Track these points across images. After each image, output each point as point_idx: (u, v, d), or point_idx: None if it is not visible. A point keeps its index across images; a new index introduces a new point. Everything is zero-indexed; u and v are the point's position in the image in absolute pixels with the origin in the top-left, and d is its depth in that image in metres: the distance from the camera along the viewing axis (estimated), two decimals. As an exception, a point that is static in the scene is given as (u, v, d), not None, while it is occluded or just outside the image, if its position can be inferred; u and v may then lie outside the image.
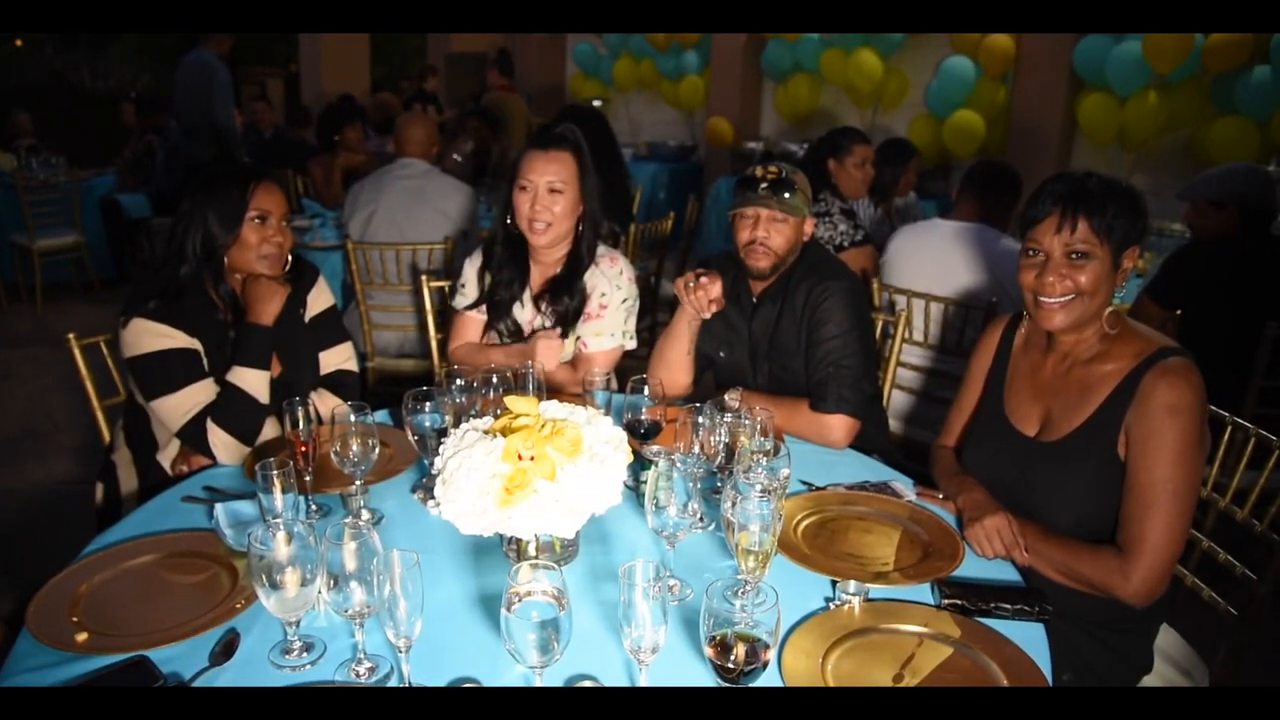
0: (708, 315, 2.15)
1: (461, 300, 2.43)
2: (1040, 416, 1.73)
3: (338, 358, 2.22)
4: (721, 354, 2.30)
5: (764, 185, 2.10)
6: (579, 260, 2.32)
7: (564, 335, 2.33)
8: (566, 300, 2.31)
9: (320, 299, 2.21)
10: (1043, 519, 1.64)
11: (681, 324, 2.21)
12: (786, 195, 2.08)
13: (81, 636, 1.28)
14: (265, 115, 7.53)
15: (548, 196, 2.21)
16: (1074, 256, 1.59)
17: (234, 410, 1.91)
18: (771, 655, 1.12)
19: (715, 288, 2.10)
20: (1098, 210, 1.57)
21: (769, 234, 2.11)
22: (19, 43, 14.03)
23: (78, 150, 7.33)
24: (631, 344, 2.38)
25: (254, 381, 1.94)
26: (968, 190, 3.16)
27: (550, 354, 2.26)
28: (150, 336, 1.91)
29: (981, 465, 1.79)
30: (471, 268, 2.43)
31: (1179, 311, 3.06)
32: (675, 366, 2.23)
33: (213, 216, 1.95)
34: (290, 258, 2.10)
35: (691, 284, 2.13)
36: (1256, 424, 1.80)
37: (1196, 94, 5.47)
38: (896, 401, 3.02)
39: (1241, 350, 2.75)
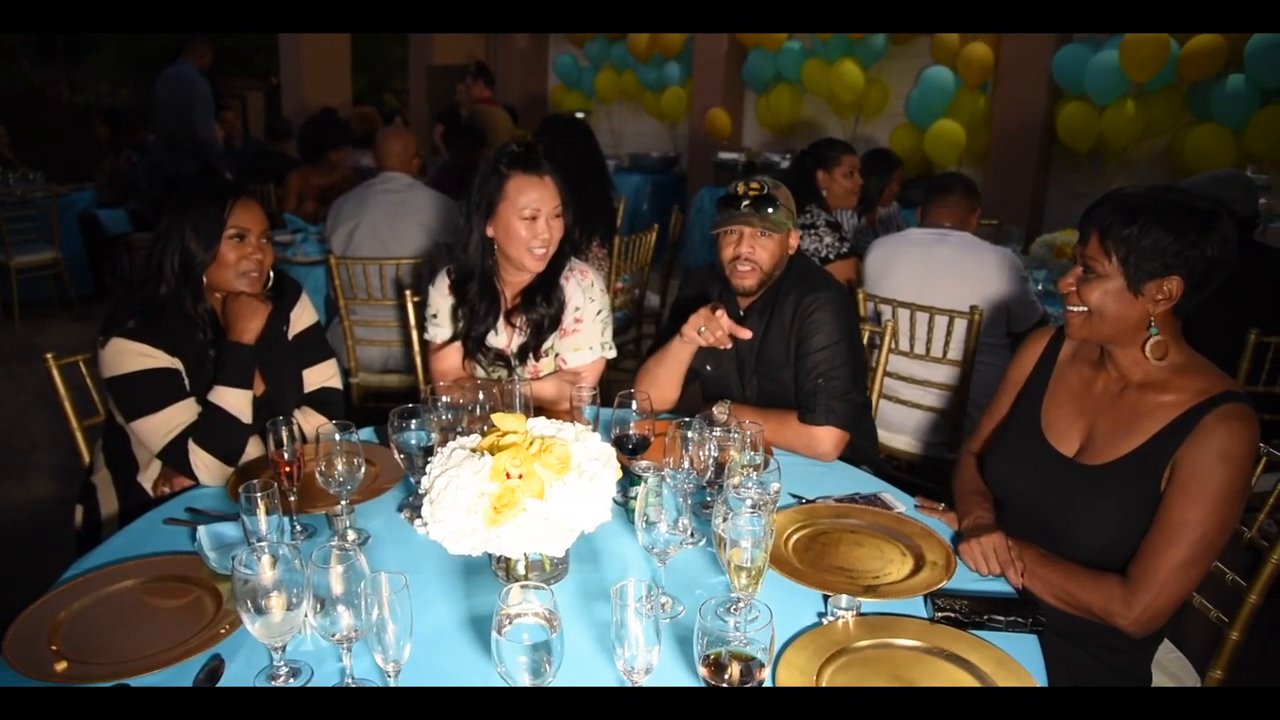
0: (729, 345, 2.10)
1: (435, 331, 2.36)
2: (1081, 436, 1.65)
3: (322, 375, 2.20)
4: (708, 367, 2.29)
5: (746, 202, 2.08)
6: (558, 265, 2.27)
7: (539, 349, 2.30)
8: (543, 307, 2.26)
9: (304, 316, 2.19)
10: (1070, 541, 1.59)
11: (684, 351, 2.17)
12: (769, 211, 2.07)
13: (60, 666, 1.25)
14: (234, 126, 7.43)
15: (556, 222, 2.18)
16: (1086, 271, 1.55)
17: (216, 431, 1.88)
18: (766, 674, 1.11)
19: (726, 318, 2.05)
20: (1111, 226, 1.49)
21: (753, 250, 2.09)
22: (-5, 57, 13.88)
23: (56, 165, 7.26)
24: (611, 354, 2.36)
25: (236, 401, 1.91)
26: (935, 198, 3.20)
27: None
28: (130, 356, 1.88)
29: (1008, 477, 1.74)
30: (441, 298, 2.34)
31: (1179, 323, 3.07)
32: (665, 385, 2.21)
33: (190, 234, 1.93)
34: (272, 274, 2.07)
35: (704, 328, 2.06)
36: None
37: (1173, 102, 5.55)
38: (882, 411, 3.02)
39: (1225, 355, 2.76)
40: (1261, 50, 5.03)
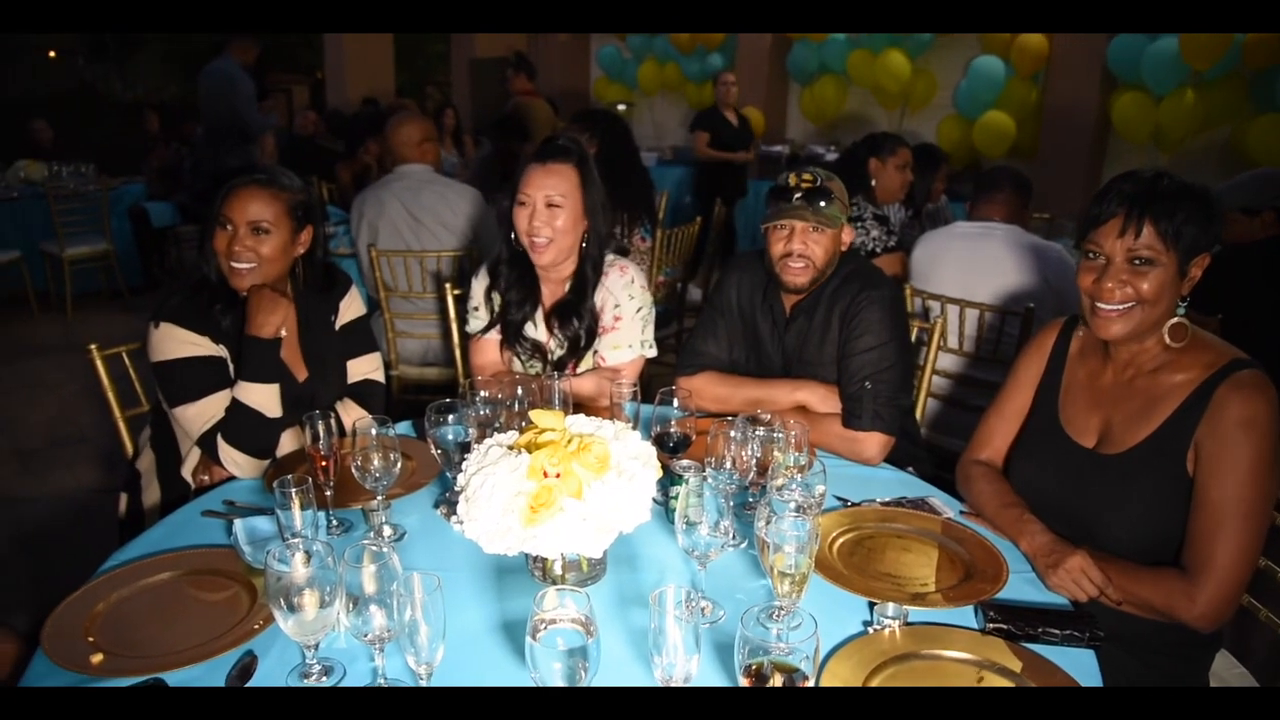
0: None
1: (476, 324, 2.35)
2: (1099, 427, 1.63)
3: (365, 367, 2.19)
4: (751, 366, 2.23)
5: (798, 195, 1.99)
6: (585, 280, 2.23)
7: (577, 363, 2.27)
8: (576, 324, 2.23)
9: (352, 307, 2.18)
10: (1100, 534, 1.56)
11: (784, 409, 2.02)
12: (822, 204, 1.98)
13: (97, 658, 1.25)
14: (314, 123, 7.59)
15: (546, 211, 2.12)
16: (1136, 262, 1.49)
17: (243, 427, 1.87)
18: (810, 685, 1.07)
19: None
20: (1165, 214, 1.46)
21: (805, 246, 2.00)
22: (52, 54, 14.24)
23: (108, 158, 7.40)
24: (652, 353, 2.31)
25: (260, 397, 1.89)
26: (986, 193, 3.11)
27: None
28: (175, 343, 1.88)
29: (1034, 477, 1.70)
30: (480, 288, 2.34)
31: (1220, 316, 2.96)
32: (713, 406, 2.13)
33: (209, 223, 1.94)
34: (308, 268, 2.05)
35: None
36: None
37: (1235, 92, 5.36)
38: (930, 411, 2.94)
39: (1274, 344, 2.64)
40: (1331, 37, 4.84)
